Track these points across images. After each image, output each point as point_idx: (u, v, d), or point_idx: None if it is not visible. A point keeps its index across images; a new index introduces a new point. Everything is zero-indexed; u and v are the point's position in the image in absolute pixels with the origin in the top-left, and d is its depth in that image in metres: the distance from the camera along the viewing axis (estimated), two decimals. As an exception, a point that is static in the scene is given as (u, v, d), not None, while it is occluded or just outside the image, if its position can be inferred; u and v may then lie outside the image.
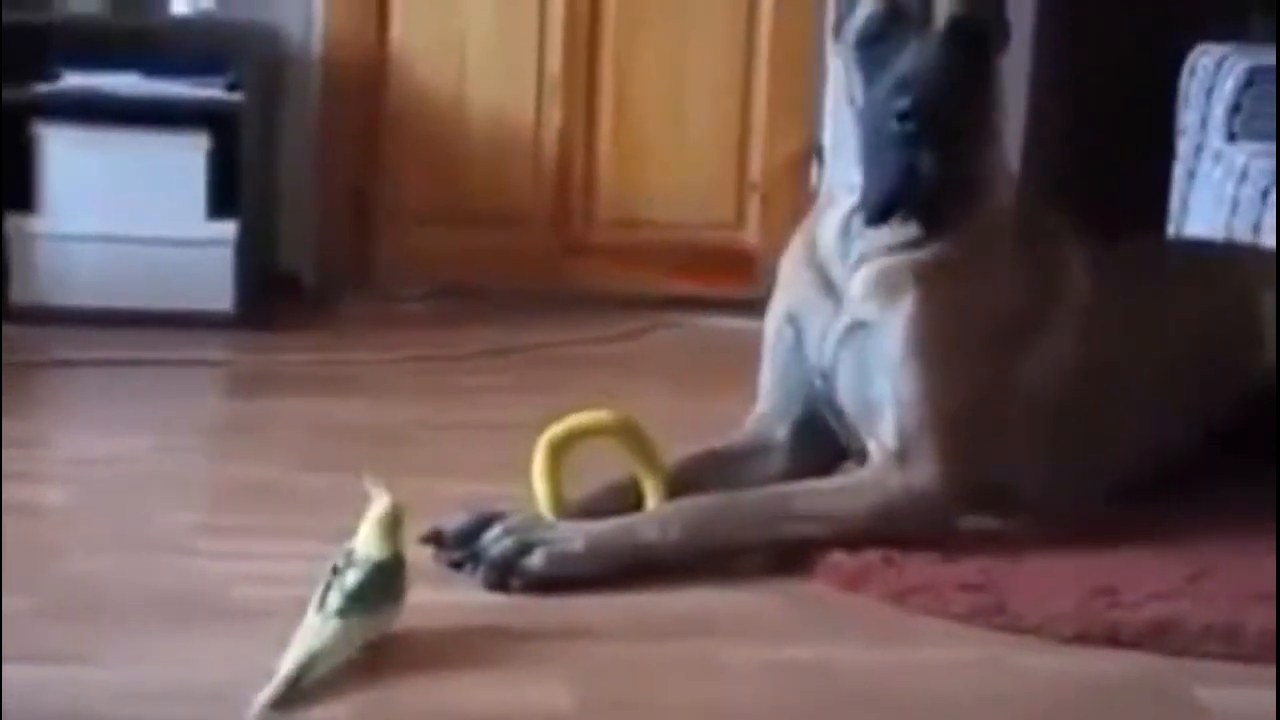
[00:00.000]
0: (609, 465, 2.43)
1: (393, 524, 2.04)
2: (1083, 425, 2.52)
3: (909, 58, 2.36)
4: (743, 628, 2.16)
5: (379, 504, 2.05)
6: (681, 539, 2.29)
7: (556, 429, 2.38)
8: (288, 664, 1.88)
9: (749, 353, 2.67)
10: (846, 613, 2.22)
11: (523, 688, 1.94)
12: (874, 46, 2.39)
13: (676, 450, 2.48)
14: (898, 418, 2.39)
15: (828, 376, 2.47)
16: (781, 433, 2.56)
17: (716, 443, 2.56)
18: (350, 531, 2.03)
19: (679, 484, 2.40)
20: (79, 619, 2.06)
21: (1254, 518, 2.49)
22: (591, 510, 2.35)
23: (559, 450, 2.36)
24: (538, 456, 2.36)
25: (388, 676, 1.93)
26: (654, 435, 2.42)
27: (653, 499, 2.39)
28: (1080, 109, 4.60)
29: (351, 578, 1.98)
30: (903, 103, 2.30)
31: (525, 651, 2.03)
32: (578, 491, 2.38)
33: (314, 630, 1.93)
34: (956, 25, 2.37)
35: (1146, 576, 2.27)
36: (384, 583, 2.01)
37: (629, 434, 2.41)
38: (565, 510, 2.34)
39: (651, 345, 3.94)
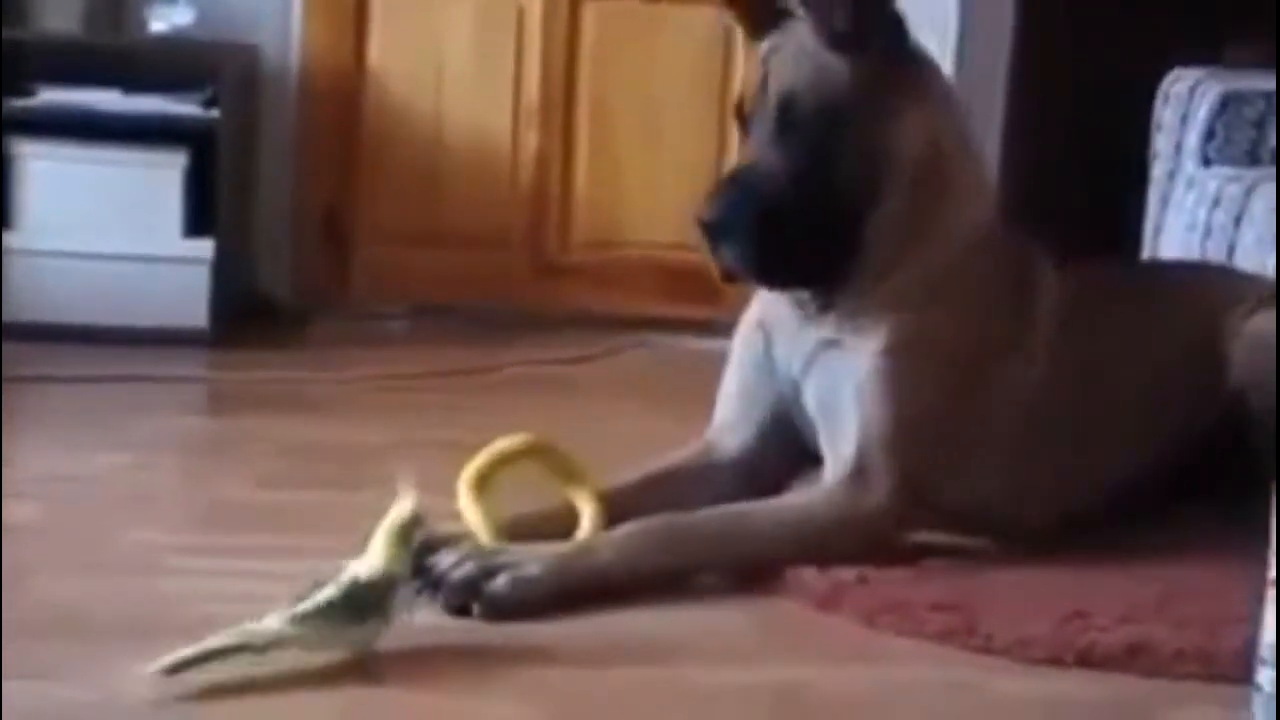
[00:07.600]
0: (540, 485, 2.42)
1: (400, 537, 2.02)
2: (1052, 447, 2.52)
3: (749, 147, 2.41)
4: (713, 649, 2.16)
5: (396, 510, 2.03)
6: (640, 560, 2.28)
7: (473, 463, 2.35)
8: (215, 640, 1.90)
9: (722, 373, 2.67)
10: (818, 633, 2.22)
11: (490, 713, 1.92)
12: (745, 123, 2.45)
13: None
14: (859, 434, 2.40)
15: (797, 386, 2.48)
16: (734, 446, 2.54)
17: (657, 464, 2.53)
18: (325, 550, 2.02)
19: (625, 508, 2.38)
20: (49, 637, 2.04)
21: (1224, 539, 2.50)
22: (525, 534, 2.32)
23: (481, 483, 2.34)
24: (461, 494, 2.33)
25: (350, 700, 1.91)
26: (627, 454, 2.42)
27: (587, 514, 2.36)
28: (1054, 134, 4.63)
29: (325, 593, 1.96)
30: (706, 213, 2.38)
31: (492, 676, 2.01)
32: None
33: (261, 626, 1.93)
34: (784, 104, 2.40)
35: (1118, 599, 2.28)
36: (357, 602, 1.98)
37: (547, 455, 2.40)
38: (506, 533, 2.31)
39: (626, 366, 3.94)
